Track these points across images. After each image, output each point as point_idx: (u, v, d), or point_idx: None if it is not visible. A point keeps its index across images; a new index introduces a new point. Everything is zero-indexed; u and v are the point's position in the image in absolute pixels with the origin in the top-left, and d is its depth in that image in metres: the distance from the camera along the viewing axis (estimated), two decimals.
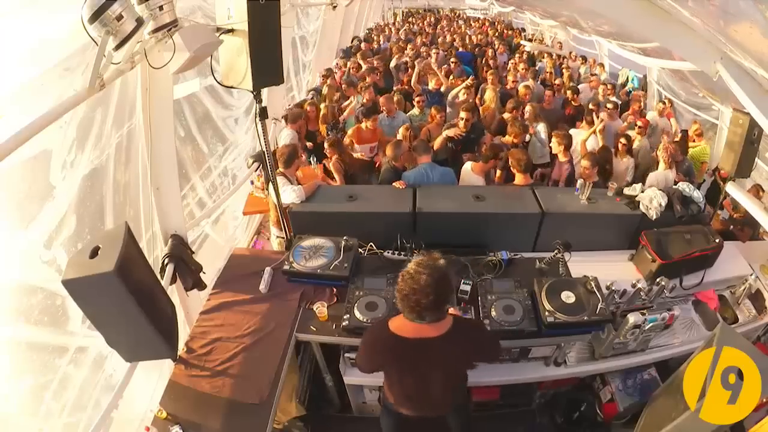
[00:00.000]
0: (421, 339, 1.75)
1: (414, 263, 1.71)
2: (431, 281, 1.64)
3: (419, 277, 1.65)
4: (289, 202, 3.13)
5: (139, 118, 2.58)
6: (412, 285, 1.66)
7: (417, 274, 1.66)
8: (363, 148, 4.64)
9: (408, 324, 1.76)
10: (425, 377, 1.85)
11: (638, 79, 8.31)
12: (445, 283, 1.69)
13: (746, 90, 2.24)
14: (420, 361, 1.80)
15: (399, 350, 1.79)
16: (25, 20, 1.96)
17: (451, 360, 1.84)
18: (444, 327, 1.77)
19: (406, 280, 1.69)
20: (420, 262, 1.70)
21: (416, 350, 1.77)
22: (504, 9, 15.25)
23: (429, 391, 1.90)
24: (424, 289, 1.64)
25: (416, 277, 1.66)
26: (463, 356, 1.87)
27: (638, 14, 2.25)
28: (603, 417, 2.82)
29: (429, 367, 1.82)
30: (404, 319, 1.77)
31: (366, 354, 1.92)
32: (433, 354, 1.78)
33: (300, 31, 7.62)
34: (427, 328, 1.75)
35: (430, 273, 1.65)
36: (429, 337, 1.75)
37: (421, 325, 1.74)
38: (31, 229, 2.08)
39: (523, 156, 3.48)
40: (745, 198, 3.24)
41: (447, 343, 1.76)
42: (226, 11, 2.20)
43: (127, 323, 1.80)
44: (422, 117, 5.14)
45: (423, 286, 1.64)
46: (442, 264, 1.71)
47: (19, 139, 1.49)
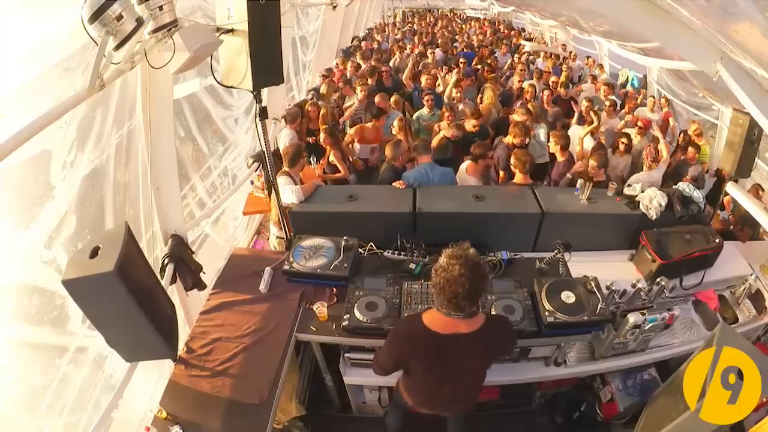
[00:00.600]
0: (453, 335, 1.74)
1: (445, 256, 1.70)
2: (465, 271, 1.63)
3: (452, 269, 1.64)
4: (288, 203, 3.13)
5: (139, 118, 2.58)
6: (446, 277, 1.65)
7: (450, 266, 1.65)
8: (364, 148, 4.64)
9: (442, 318, 1.75)
10: (451, 374, 1.84)
11: (638, 79, 8.31)
12: (479, 271, 1.68)
13: (746, 90, 2.24)
14: (448, 357, 1.79)
15: (429, 345, 1.78)
16: (25, 20, 1.96)
17: (479, 357, 1.84)
18: (477, 323, 1.77)
19: (439, 274, 1.68)
20: (451, 255, 1.69)
21: (447, 346, 1.76)
22: (504, 9, 15.25)
23: (452, 389, 1.90)
24: (458, 279, 1.63)
25: (449, 269, 1.65)
26: (490, 353, 1.87)
27: (638, 14, 2.25)
28: (603, 417, 2.82)
29: (456, 364, 1.81)
30: (438, 313, 1.76)
31: (393, 348, 1.88)
32: (463, 350, 1.77)
33: (300, 31, 7.62)
34: (460, 324, 1.74)
35: (463, 263, 1.65)
36: (461, 333, 1.74)
37: (455, 319, 1.73)
38: (31, 229, 2.08)
39: (527, 157, 3.47)
40: (745, 198, 3.24)
41: (478, 339, 1.76)
42: (226, 11, 2.20)
43: (127, 323, 1.80)
44: (431, 116, 5.13)
45: (457, 277, 1.63)
46: (474, 253, 1.70)
47: (19, 139, 1.49)
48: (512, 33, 13.77)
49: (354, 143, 4.74)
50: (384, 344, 1.94)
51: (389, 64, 7.60)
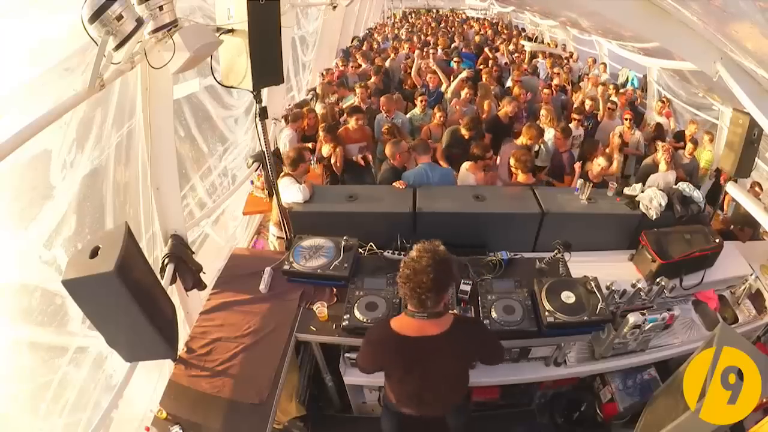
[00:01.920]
0: (423, 337, 1.77)
1: (415, 249, 1.75)
2: (432, 262, 1.68)
3: (420, 260, 1.69)
4: (293, 201, 3.13)
5: (139, 118, 2.58)
6: (413, 266, 1.69)
7: (418, 258, 1.70)
8: (352, 148, 4.64)
9: (410, 322, 1.78)
10: (427, 375, 1.85)
11: (638, 79, 8.31)
12: (446, 264, 1.71)
13: (746, 90, 2.24)
14: (422, 360, 1.81)
15: (401, 349, 1.81)
16: (25, 20, 1.96)
17: (453, 357, 1.85)
18: (445, 324, 1.79)
19: (407, 264, 1.72)
20: (420, 248, 1.74)
21: (418, 349, 1.79)
22: (504, 9, 15.24)
23: (431, 389, 1.90)
24: (425, 269, 1.67)
25: (417, 259, 1.70)
26: (464, 353, 1.89)
27: (638, 14, 2.25)
28: (603, 417, 2.82)
29: (431, 365, 1.83)
30: (406, 317, 1.79)
31: (368, 354, 1.94)
32: (436, 352, 1.79)
33: (300, 31, 7.62)
34: (428, 326, 1.77)
35: (431, 255, 1.69)
36: (431, 334, 1.77)
37: (422, 321, 1.76)
38: (31, 229, 2.08)
39: (527, 156, 3.48)
40: (745, 198, 3.24)
41: (449, 340, 1.78)
42: (226, 11, 2.20)
43: (127, 323, 1.80)
44: (423, 117, 5.13)
45: (424, 266, 1.67)
46: (443, 250, 1.74)
47: (19, 139, 1.49)
48: (513, 33, 13.77)
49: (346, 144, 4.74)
50: (359, 350, 1.98)
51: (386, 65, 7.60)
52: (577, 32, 9.93)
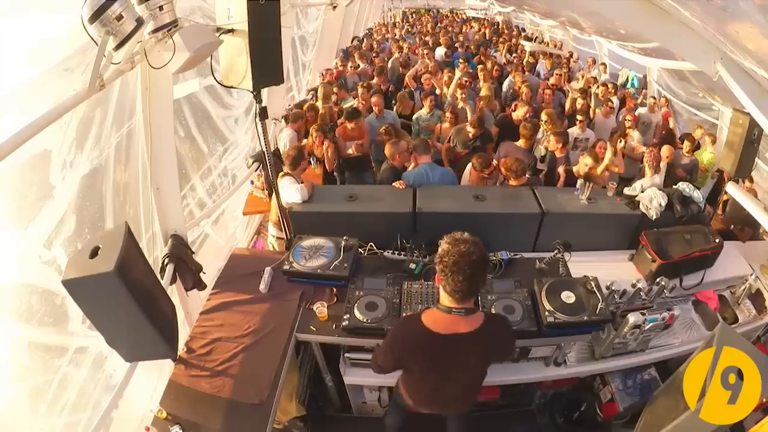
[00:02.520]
0: (453, 335, 1.72)
1: (444, 243, 1.68)
2: (471, 246, 1.62)
3: (459, 246, 1.62)
4: (293, 201, 3.13)
5: (139, 118, 2.58)
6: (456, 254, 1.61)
7: (454, 246, 1.63)
8: (349, 145, 4.67)
9: (442, 318, 1.73)
10: (450, 374, 1.83)
11: (638, 79, 8.32)
12: (481, 246, 1.65)
13: (746, 90, 2.24)
14: (448, 358, 1.78)
15: (428, 346, 1.76)
16: (25, 20, 1.96)
17: (480, 356, 1.83)
18: (476, 322, 1.74)
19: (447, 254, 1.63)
20: (450, 240, 1.67)
21: (446, 347, 1.75)
22: (504, 9, 15.24)
23: (451, 388, 1.89)
24: (468, 251, 1.60)
25: (453, 249, 1.62)
26: (491, 352, 1.86)
27: (638, 14, 2.25)
28: (603, 417, 2.82)
29: (456, 364, 1.80)
30: (439, 313, 1.73)
31: (393, 347, 1.86)
32: (464, 350, 1.76)
33: (300, 31, 7.62)
34: (459, 323, 1.72)
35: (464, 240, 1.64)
36: (461, 332, 1.72)
37: (454, 317, 1.70)
38: (31, 229, 2.08)
39: (516, 164, 3.43)
40: (745, 198, 3.23)
41: (477, 339, 1.74)
42: (226, 11, 2.20)
43: (127, 323, 1.80)
44: (430, 118, 5.13)
45: (465, 251, 1.60)
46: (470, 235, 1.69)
47: (19, 139, 1.49)
48: (513, 33, 13.77)
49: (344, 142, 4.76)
50: (382, 344, 1.92)
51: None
52: (577, 32, 9.94)
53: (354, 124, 4.56)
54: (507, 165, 3.46)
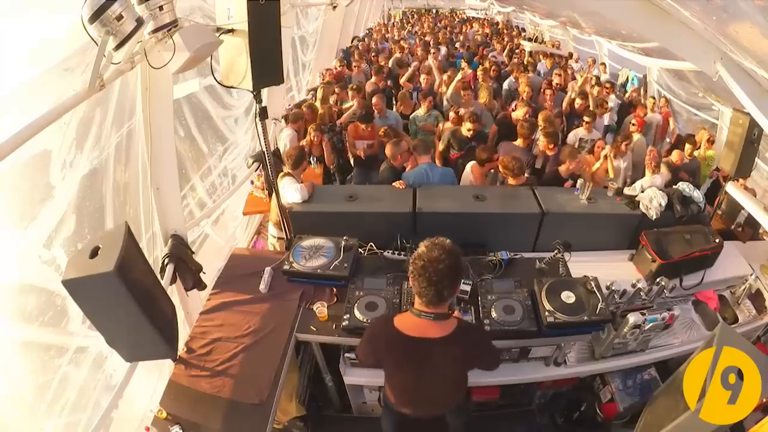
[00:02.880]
0: (424, 338, 1.75)
1: (422, 245, 1.70)
2: (443, 252, 1.64)
3: (431, 251, 1.64)
4: (293, 201, 3.13)
5: (139, 118, 2.58)
6: (425, 258, 1.64)
7: (428, 250, 1.65)
8: (360, 143, 4.68)
9: (414, 321, 1.75)
10: (422, 377, 1.84)
11: (638, 79, 8.31)
12: (456, 254, 1.67)
13: (746, 90, 2.24)
14: (417, 361, 1.80)
15: (399, 347, 1.79)
16: (25, 20, 1.96)
17: (451, 362, 1.83)
18: (448, 328, 1.76)
19: (418, 258, 1.66)
20: (428, 243, 1.69)
21: (417, 349, 1.77)
22: (504, 9, 15.24)
23: (425, 390, 1.90)
24: (438, 258, 1.62)
25: (427, 252, 1.65)
26: (463, 359, 1.86)
27: (638, 14, 2.25)
28: (603, 417, 2.82)
29: (428, 367, 1.82)
30: (410, 316, 1.76)
31: (367, 346, 1.92)
32: (433, 355, 1.78)
33: (300, 31, 7.62)
34: (432, 327, 1.74)
35: (440, 246, 1.66)
36: (431, 337, 1.74)
37: (427, 322, 1.73)
38: (31, 229, 2.08)
39: (513, 163, 3.43)
40: (745, 198, 3.24)
41: (448, 345, 1.76)
42: (226, 11, 2.20)
43: (127, 323, 1.80)
44: (427, 118, 5.12)
45: (436, 257, 1.63)
46: (450, 242, 1.71)
47: (19, 139, 1.50)
48: (513, 33, 13.77)
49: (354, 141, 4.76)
50: (361, 340, 1.96)
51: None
52: (577, 32, 9.94)
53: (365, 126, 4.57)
54: (504, 163, 3.47)
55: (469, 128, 4.27)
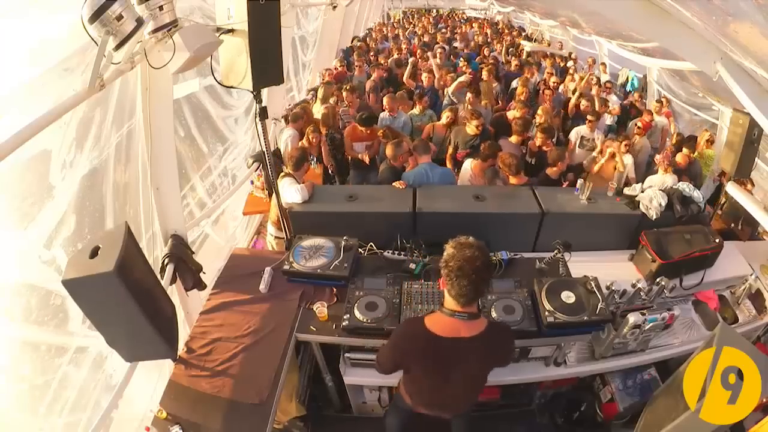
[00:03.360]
0: (455, 339, 1.74)
1: (449, 247, 1.70)
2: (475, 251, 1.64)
3: (462, 252, 1.64)
4: (293, 201, 3.13)
5: (139, 118, 2.58)
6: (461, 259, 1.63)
7: (459, 251, 1.65)
8: (359, 145, 4.66)
9: (446, 321, 1.74)
10: (450, 377, 1.84)
11: (638, 79, 8.31)
12: (485, 250, 1.68)
13: (746, 90, 2.23)
14: (450, 361, 1.79)
15: (431, 348, 1.77)
16: (25, 20, 1.96)
17: (481, 361, 1.83)
18: (479, 327, 1.76)
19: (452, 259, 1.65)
20: (454, 244, 1.69)
21: (449, 350, 1.76)
22: (504, 9, 15.24)
23: (452, 391, 1.90)
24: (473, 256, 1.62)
25: (458, 254, 1.64)
26: (492, 358, 1.87)
27: (638, 14, 2.25)
28: (603, 417, 2.82)
29: (458, 368, 1.81)
30: (442, 316, 1.75)
31: (394, 349, 1.88)
32: (465, 354, 1.77)
33: (300, 31, 7.62)
34: (462, 327, 1.73)
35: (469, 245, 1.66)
36: (463, 337, 1.74)
37: (459, 322, 1.72)
38: (31, 229, 2.08)
39: (512, 159, 3.45)
40: (745, 198, 3.24)
41: (481, 344, 1.75)
42: (226, 11, 2.20)
43: (127, 323, 1.80)
44: (422, 117, 5.13)
45: (470, 256, 1.63)
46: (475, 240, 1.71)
47: (19, 139, 1.49)
48: (513, 33, 13.77)
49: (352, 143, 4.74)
50: (386, 344, 1.94)
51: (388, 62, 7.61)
52: (577, 32, 9.93)
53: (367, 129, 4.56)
54: (503, 159, 3.48)
55: (476, 125, 4.28)
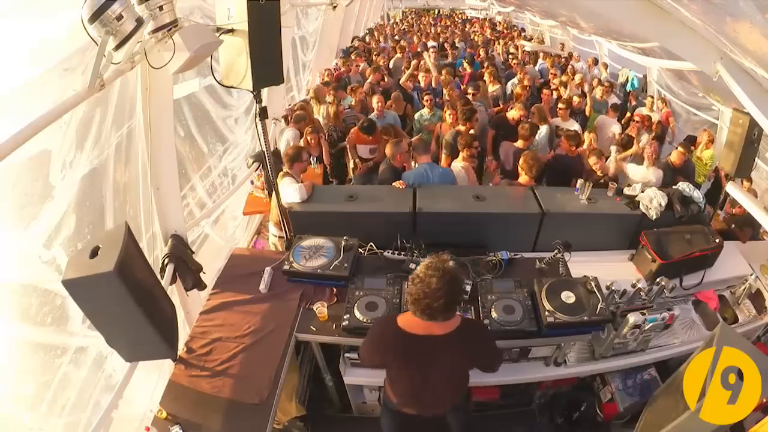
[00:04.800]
0: (429, 336, 1.77)
1: (423, 266, 1.72)
2: (442, 284, 1.65)
3: (430, 281, 1.66)
4: (291, 201, 3.13)
5: (139, 118, 2.58)
6: (423, 288, 1.67)
7: (427, 278, 1.67)
8: (363, 149, 4.66)
9: (416, 321, 1.77)
10: (426, 374, 1.85)
11: (638, 79, 8.31)
12: (456, 284, 1.71)
13: (746, 90, 2.23)
14: (423, 358, 1.81)
15: (404, 346, 1.80)
16: (25, 20, 1.96)
17: (454, 359, 1.85)
18: (451, 326, 1.79)
19: (416, 284, 1.69)
20: (429, 265, 1.70)
21: (421, 347, 1.79)
22: (504, 9, 15.24)
23: (430, 388, 1.90)
24: (435, 292, 1.65)
25: (426, 280, 1.67)
26: (467, 355, 1.88)
27: (638, 14, 2.25)
28: (603, 417, 2.82)
29: (431, 365, 1.83)
30: (413, 316, 1.78)
31: (370, 346, 1.92)
32: (437, 352, 1.79)
33: (300, 31, 7.62)
34: (434, 326, 1.77)
35: (441, 276, 1.66)
36: (435, 334, 1.77)
37: (429, 322, 1.76)
38: (31, 229, 2.08)
39: (535, 162, 3.42)
40: (745, 198, 3.24)
41: (454, 341, 1.78)
42: (226, 11, 2.20)
43: (127, 323, 1.81)
44: (431, 117, 5.13)
45: (434, 290, 1.65)
46: (452, 266, 1.72)
47: (19, 139, 1.50)
48: (514, 33, 13.78)
49: (356, 147, 4.74)
50: (364, 341, 1.97)
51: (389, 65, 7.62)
52: (577, 32, 9.93)
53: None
54: (526, 158, 3.46)
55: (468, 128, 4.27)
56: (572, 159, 4.20)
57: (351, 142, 4.70)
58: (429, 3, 23.61)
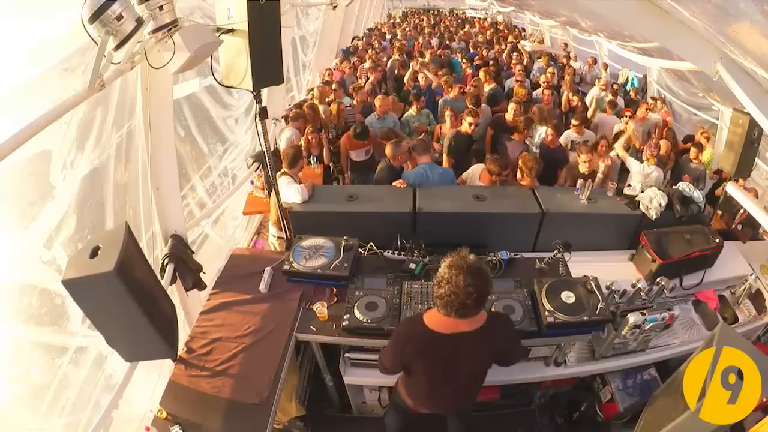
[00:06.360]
0: (455, 334, 1.74)
1: (445, 266, 1.67)
2: (471, 279, 1.61)
3: (457, 280, 1.61)
4: (292, 201, 3.13)
5: (139, 118, 2.58)
6: (452, 290, 1.62)
7: (453, 277, 1.62)
8: (358, 153, 4.64)
9: (443, 319, 1.73)
10: (453, 373, 1.84)
11: (638, 79, 8.31)
12: (483, 276, 1.66)
13: (746, 90, 2.23)
14: (452, 356, 1.79)
15: (432, 346, 1.77)
16: (25, 20, 1.97)
17: (483, 354, 1.83)
18: (479, 321, 1.75)
19: (443, 286, 1.64)
20: (451, 264, 1.66)
21: (449, 346, 1.76)
22: (504, 9, 15.24)
23: (452, 387, 1.90)
24: (465, 289, 1.61)
25: (453, 280, 1.62)
26: (494, 350, 1.87)
27: (638, 14, 2.25)
28: (603, 417, 2.82)
29: (459, 363, 1.81)
30: (439, 315, 1.74)
31: (396, 348, 1.87)
32: (465, 349, 1.77)
33: (300, 31, 7.62)
34: (462, 323, 1.73)
35: (466, 271, 1.62)
36: (463, 331, 1.73)
37: (458, 320, 1.71)
38: (31, 229, 2.08)
39: (534, 164, 3.42)
40: (745, 198, 3.23)
41: (480, 337, 1.75)
42: (226, 11, 2.20)
43: (127, 323, 1.81)
44: (418, 117, 5.13)
45: (463, 287, 1.61)
46: (473, 259, 1.68)
47: (19, 139, 1.50)
48: (514, 33, 13.77)
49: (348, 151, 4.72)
50: (387, 346, 1.93)
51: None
52: (577, 32, 9.93)
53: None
54: (525, 160, 3.45)
55: (470, 122, 4.26)
56: (554, 150, 4.26)
57: (344, 148, 4.67)
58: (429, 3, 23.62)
